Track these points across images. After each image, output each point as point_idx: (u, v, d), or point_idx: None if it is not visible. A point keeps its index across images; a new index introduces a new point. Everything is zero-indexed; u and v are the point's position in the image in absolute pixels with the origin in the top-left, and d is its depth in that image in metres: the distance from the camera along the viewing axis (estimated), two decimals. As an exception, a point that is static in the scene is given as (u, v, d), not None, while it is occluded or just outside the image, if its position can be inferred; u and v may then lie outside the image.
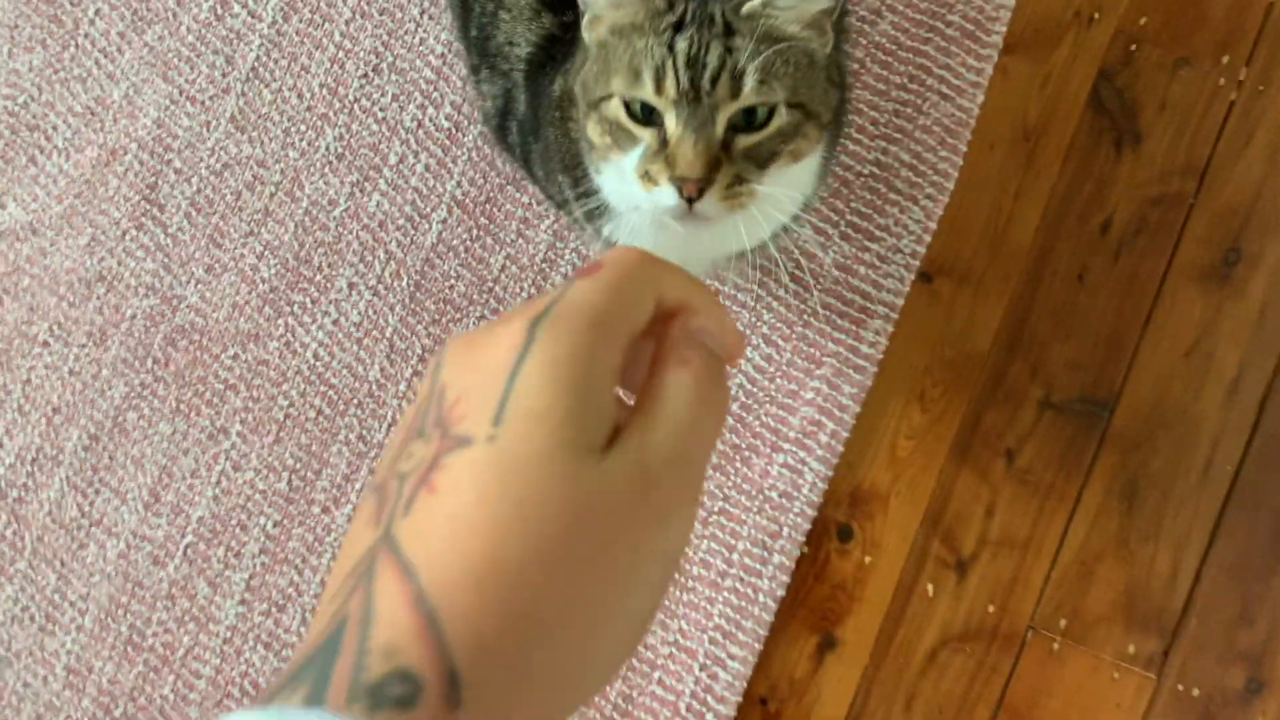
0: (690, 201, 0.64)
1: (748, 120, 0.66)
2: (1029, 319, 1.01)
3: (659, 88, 0.64)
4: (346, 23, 1.03)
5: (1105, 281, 1.01)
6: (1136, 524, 0.99)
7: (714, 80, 0.64)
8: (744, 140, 0.66)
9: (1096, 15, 1.03)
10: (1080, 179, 1.02)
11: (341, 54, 1.03)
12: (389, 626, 0.28)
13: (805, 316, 1.01)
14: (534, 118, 0.82)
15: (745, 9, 0.66)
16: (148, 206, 1.02)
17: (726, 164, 0.65)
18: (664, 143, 0.65)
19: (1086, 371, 1.00)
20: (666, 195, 0.64)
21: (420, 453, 0.31)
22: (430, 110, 1.02)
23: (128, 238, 1.02)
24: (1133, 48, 1.03)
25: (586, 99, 0.69)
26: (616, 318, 0.32)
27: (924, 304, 1.02)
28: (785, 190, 0.70)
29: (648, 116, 0.66)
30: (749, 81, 0.64)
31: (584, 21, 0.69)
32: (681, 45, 0.64)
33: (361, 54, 1.03)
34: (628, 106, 0.66)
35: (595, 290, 0.32)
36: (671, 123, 0.64)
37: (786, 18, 0.66)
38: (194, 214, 1.02)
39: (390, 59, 1.02)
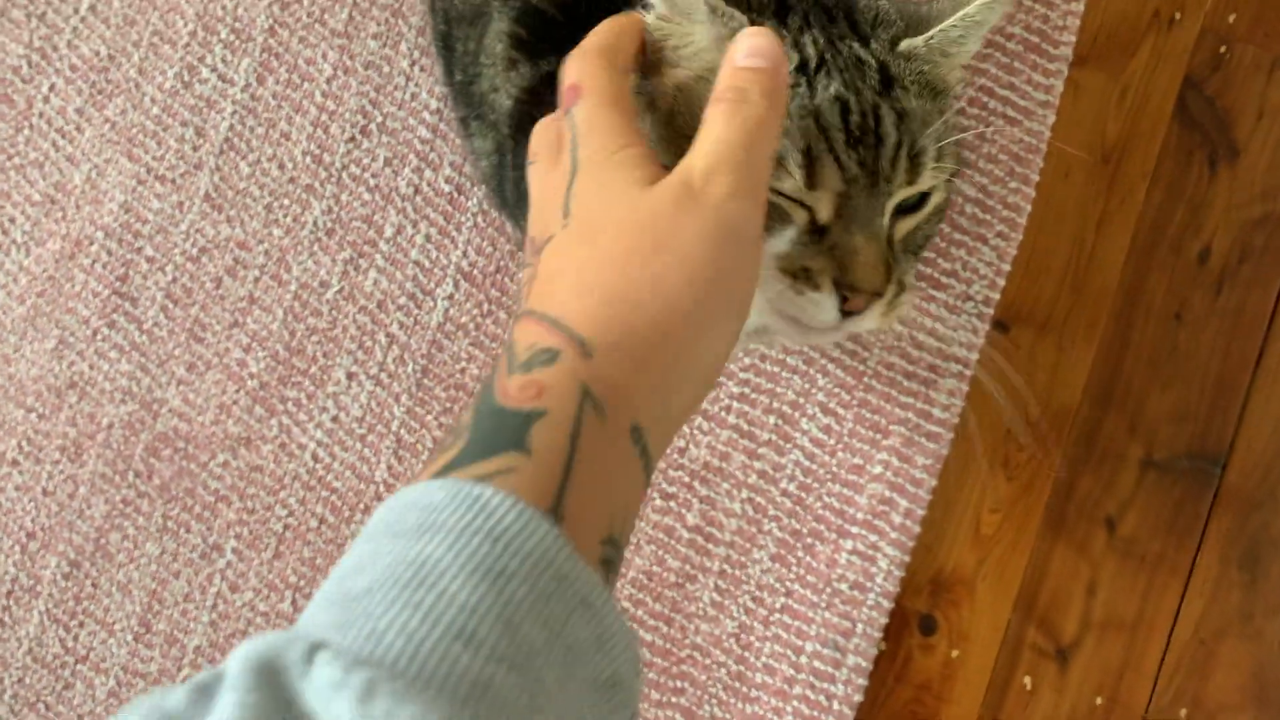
0: (845, 313, 0.49)
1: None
2: (1122, 367, 0.91)
3: (812, 178, 0.48)
4: (328, 81, 0.92)
5: (1207, 319, 0.90)
6: (1262, 595, 0.88)
7: (893, 161, 0.48)
8: (904, 226, 0.51)
9: (1178, 15, 0.92)
10: (1171, 203, 0.91)
11: (325, 117, 0.91)
12: (524, 337, 0.38)
13: (866, 379, 0.89)
14: (516, 192, 0.67)
15: (904, 45, 0.50)
16: (119, 301, 0.91)
17: (894, 265, 0.50)
18: (816, 226, 0.49)
19: (1192, 423, 0.90)
20: (825, 307, 0.49)
21: (528, 273, 0.42)
22: (428, 173, 0.91)
23: (99, 337, 0.91)
24: (1222, 49, 0.91)
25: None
26: (620, 111, 0.43)
27: (1001, 357, 0.90)
28: None
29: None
30: (928, 159, 0.49)
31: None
32: (833, 114, 0.48)
33: (347, 115, 0.91)
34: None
35: (593, 112, 0.42)
36: (825, 210, 0.49)
37: (951, 64, 0.51)
38: (171, 306, 0.91)
39: (380, 119, 0.91)
